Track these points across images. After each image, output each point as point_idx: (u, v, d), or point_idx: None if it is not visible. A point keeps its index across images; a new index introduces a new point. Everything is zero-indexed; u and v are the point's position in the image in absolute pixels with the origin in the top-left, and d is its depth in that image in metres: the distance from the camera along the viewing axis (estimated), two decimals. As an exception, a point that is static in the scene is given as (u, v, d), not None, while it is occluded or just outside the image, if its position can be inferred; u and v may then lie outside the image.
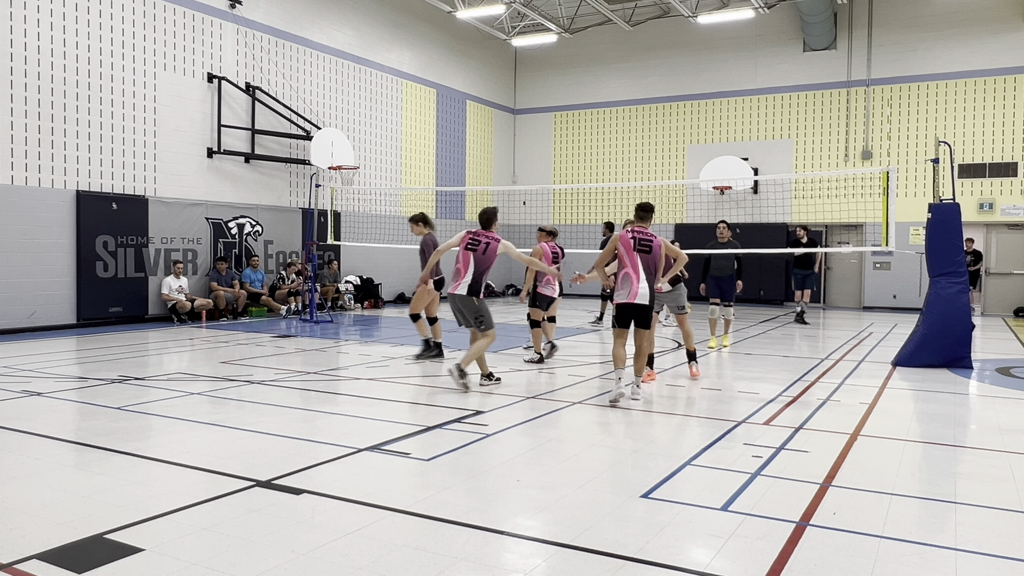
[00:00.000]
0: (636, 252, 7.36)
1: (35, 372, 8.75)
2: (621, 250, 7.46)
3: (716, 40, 21.69)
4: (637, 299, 7.31)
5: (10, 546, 3.70)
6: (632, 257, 7.37)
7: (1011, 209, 18.67)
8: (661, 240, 7.57)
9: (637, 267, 7.34)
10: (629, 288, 7.35)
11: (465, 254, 7.99)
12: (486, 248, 8.01)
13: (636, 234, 7.44)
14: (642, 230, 7.50)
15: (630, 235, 7.44)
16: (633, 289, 7.33)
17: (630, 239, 7.42)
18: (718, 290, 11.57)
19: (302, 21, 17.31)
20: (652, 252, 7.41)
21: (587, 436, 6.06)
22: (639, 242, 7.40)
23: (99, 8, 13.32)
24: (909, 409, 7.42)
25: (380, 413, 6.80)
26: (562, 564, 3.57)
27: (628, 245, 7.42)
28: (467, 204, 23.01)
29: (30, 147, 12.39)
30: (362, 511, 4.24)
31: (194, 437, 5.92)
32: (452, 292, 7.99)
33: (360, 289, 18.34)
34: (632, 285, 7.34)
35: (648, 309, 7.42)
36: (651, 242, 7.45)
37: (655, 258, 7.42)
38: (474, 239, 8.04)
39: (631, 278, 7.35)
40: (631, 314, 7.41)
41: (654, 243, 7.48)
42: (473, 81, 23.16)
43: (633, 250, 7.37)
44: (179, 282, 14.25)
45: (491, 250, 8.03)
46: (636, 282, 7.32)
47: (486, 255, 7.98)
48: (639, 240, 7.41)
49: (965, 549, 3.78)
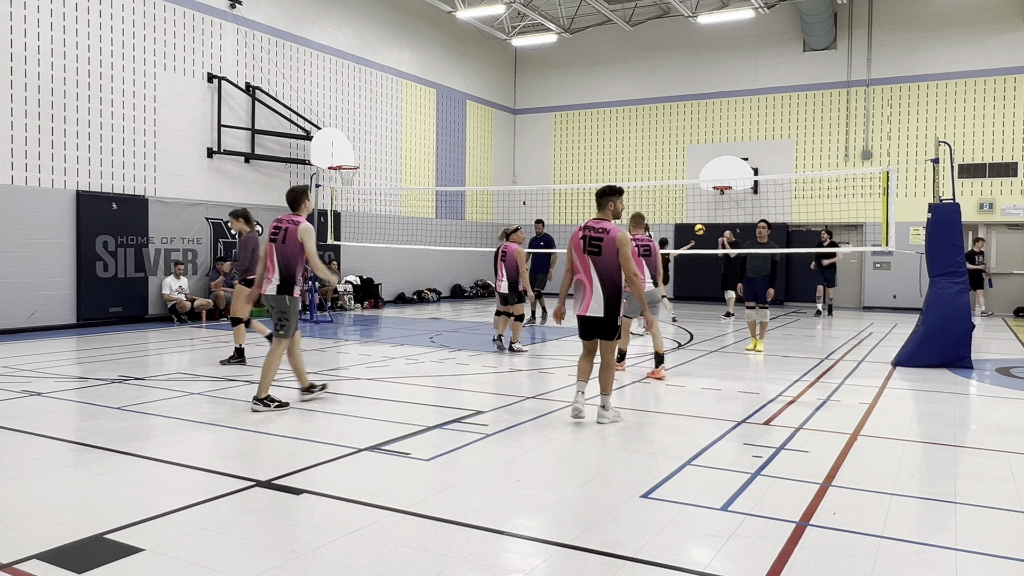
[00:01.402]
0: (586, 254, 6.30)
1: (35, 372, 8.75)
2: (572, 254, 6.45)
3: (716, 40, 21.69)
4: (589, 311, 6.31)
5: (10, 546, 3.70)
6: (583, 261, 6.33)
7: (1011, 209, 18.67)
8: (618, 232, 6.27)
9: (589, 271, 6.28)
10: (581, 297, 6.38)
11: (269, 247, 6.97)
12: (285, 236, 6.92)
13: (587, 232, 6.35)
14: (595, 224, 6.37)
15: (580, 234, 6.40)
16: (585, 298, 6.34)
17: (580, 239, 6.38)
18: (752, 293, 11.12)
19: (302, 21, 17.32)
20: (603, 252, 6.25)
21: (587, 436, 6.06)
22: (589, 241, 6.31)
23: (99, 8, 13.32)
24: (909, 409, 7.42)
25: (380, 413, 6.80)
26: (562, 564, 3.57)
27: (577, 247, 6.39)
28: (467, 204, 23.01)
29: (30, 147, 12.39)
30: (362, 511, 4.24)
31: (194, 437, 5.92)
32: (263, 292, 7.02)
33: (360, 289, 18.35)
34: (584, 293, 6.34)
35: (603, 321, 6.30)
36: (600, 241, 6.25)
37: (609, 258, 6.24)
38: (276, 227, 7.02)
39: (583, 285, 6.35)
40: (587, 328, 6.45)
41: (604, 241, 6.24)
42: (473, 81, 23.16)
43: (583, 252, 6.33)
44: (179, 282, 14.25)
45: (290, 237, 6.89)
46: (588, 289, 6.30)
47: (287, 243, 6.89)
48: (589, 239, 6.32)
49: (965, 549, 3.78)
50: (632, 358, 10.34)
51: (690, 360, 10.37)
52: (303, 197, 7.15)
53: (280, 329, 6.94)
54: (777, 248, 11.30)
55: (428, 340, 12.23)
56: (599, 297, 6.25)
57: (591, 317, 6.31)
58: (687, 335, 13.31)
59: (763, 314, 11.12)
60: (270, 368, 6.84)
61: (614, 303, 6.27)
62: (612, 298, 6.25)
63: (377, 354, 10.63)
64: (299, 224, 6.93)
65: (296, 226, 6.91)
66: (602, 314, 6.26)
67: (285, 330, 6.94)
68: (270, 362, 6.86)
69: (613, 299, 6.26)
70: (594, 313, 6.28)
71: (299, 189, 7.18)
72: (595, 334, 6.39)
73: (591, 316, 6.30)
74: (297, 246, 6.88)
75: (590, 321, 6.34)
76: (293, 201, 7.13)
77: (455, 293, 22.26)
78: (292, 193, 7.15)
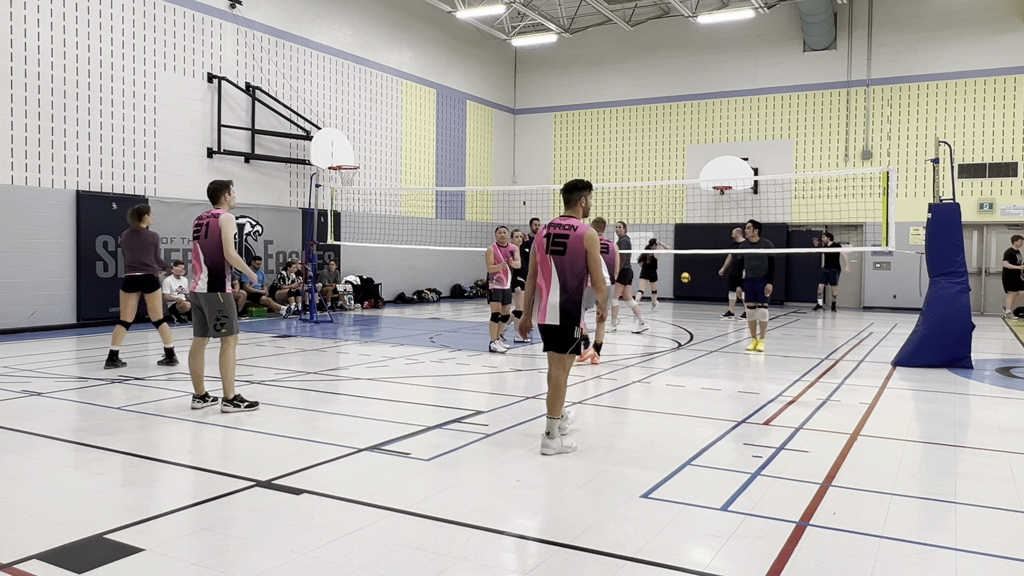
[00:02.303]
0: (548, 254, 5.55)
1: (35, 372, 8.75)
2: (534, 254, 5.72)
3: (716, 40, 21.69)
4: (546, 319, 5.54)
5: (10, 546, 3.70)
6: (545, 262, 5.58)
7: (1011, 209, 18.67)
8: (587, 230, 5.53)
9: (549, 273, 5.54)
10: (540, 303, 5.63)
11: (193, 244, 6.76)
12: (207, 231, 6.66)
13: (552, 229, 5.62)
14: (562, 221, 5.65)
15: (545, 231, 5.67)
16: (541, 303, 5.61)
17: (543, 238, 5.64)
18: (752, 293, 11.17)
19: (302, 21, 17.32)
20: (567, 252, 5.47)
21: (587, 436, 6.06)
22: (553, 240, 5.56)
23: (99, 8, 13.32)
24: (909, 409, 7.41)
25: (380, 413, 6.80)
26: (562, 564, 3.57)
27: (540, 247, 5.65)
28: (467, 204, 23.01)
29: (30, 147, 12.39)
30: (362, 511, 4.24)
31: (194, 437, 5.92)
32: (192, 290, 6.79)
33: (360, 289, 18.34)
34: (542, 298, 5.61)
35: (557, 331, 5.50)
36: (566, 238, 5.50)
37: (574, 259, 5.47)
38: (197, 224, 6.80)
39: (541, 290, 5.63)
40: (544, 337, 5.64)
41: (570, 238, 5.48)
42: (473, 81, 23.16)
43: (546, 252, 5.58)
44: (179, 282, 14.25)
45: (212, 231, 6.62)
46: (546, 294, 5.56)
47: (209, 239, 6.64)
48: (553, 237, 5.57)
49: (965, 549, 3.78)
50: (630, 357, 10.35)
51: (690, 360, 10.37)
52: (223, 191, 6.90)
53: (222, 328, 6.71)
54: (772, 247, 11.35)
55: (428, 340, 12.23)
56: (555, 303, 5.48)
57: (546, 326, 5.55)
58: (687, 335, 13.31)
59: (762, 314, 11.15)
60: (227, 367, 6.68)
61: (572, 311, 5.46)
62: (569, 305, 5.45)
63: (377, 354, 10.63)
64: (219, 216, 6.69)
65: (216, 219, 6.67)
66: (557, 322, 5.46)
67: (227, 327, 6.72)
68: (225, 362, 6.68)
69: (570, 306, 5.45)
70: (549, 321, 5.50)
71: (220, 183, 6.92)
72: (548, 345, 5.60)
73: (547, 324, 5.53)
74: (218, 240, 6.63)
75: (545, 330, 5.58)
76: (213, 194, 6.89)
77: (455, 293, 22.26)
78: (213, 185, 6.91)
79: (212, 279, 6.69)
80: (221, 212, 6.77)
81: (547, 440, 5.50)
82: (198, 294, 6.76)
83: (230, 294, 6.78)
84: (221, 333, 6.73)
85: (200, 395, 6.91)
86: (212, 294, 6.70)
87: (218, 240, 6.63)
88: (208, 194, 6.91)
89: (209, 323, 6.74)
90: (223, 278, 6.71)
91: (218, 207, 6.86)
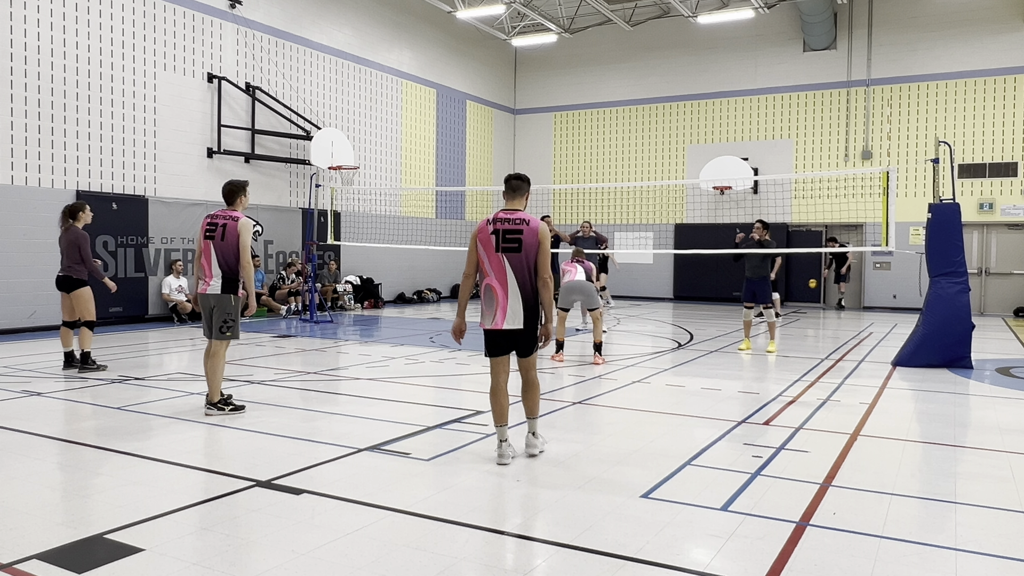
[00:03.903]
0: (500, 252, 5.11)
1: (35, 372, 8.75)
2: (480, 252, 5.21)
3: (716, 40, 21.69)
4: (505, 323, 5.11)
5: (10, 546, 3.69)
6: (495, 260, 5.12)
7: (1011, 209, 18.67)
8: (539, 224, 5.16)
9: (504, 273, 5.09)
10: (493, 306, 5.15)
11: (205, 244, 6.62)
12: (224, 232, 6.55)
13: (500, 225, 5.13)
14: (508, 215, 5.19)
15: (491, 227, 5.15)
16: (499, 307, 5.12)
17: (490, 234, 5.14)
18: (751, 293, 11.04)
19: (302, 21, 17.31)
20: (523, 248, 5.07)
21: (587, 436, 6.06)
22: (504, 236, 5.10)
23: (99, 8, 13.32)
24: (909, 409, 7.41)
25: (380, 413, 6.80)
26: (562, 564, 3.57)
27: (488, 244, 5.15)
28: (467, 204, 23.01)
29: (30, 147, 12.38)
30: (362, 511, 4.24)
31: (194, 437, 5.92)
32: (203, 292, 6.64)
33: (360, 289, 18.34)
34: (496, 301, 5.13)
35: (523, 334, 5.16)
36: (520, 233, 5.08)
37: (529, 255, 5.09)
38: (211, 223, 6.65)
39: (494, 292, 5.13)
40: (502, 342, 5.24)
41: (524, 234, 5.08)
42: (473, 81, 23.16)
43: (496, 250, 5.12)
44: (179, 282, 14.26)
45: (228, 233, 6.53)
46: (502, 297, 5.11)
47: (226, 240, 6.54)
48: (504, 234, 5.10)
49: (965, 549, 3.78)
50: (630, 357, 10.34)
51: (690, 360, 10.37)
52: (240, 192, 6.78)
53: (227, 331, 6.64)
54: (776, 248, 11.29)
55: (428, 340, 12.23)
56: (516, 305, 5.09)
57: (508, 330, 5.14)
58: (687, 335, 13.31)
59: (768, 314, 11.14)
60: (216, 371, 6.59)
61: (533, 310, 5.14)
62: (530, 304, 5.13)
63: (377, 354, 10.63)
64: (239, 220, 6.59)
65: (235, 222, 6.57)
66: (521, 325, 5.12)
67: (232, 331, 6.66)
68: (215, 365, 6.60)
69: (531, 305, 5.13)
70: (511, 325, 5.11)
71: (236, 183, 6.80)
72: (511, 349, 5.26)
73: (508, 329, 5.13)
74: (236, 243, 6.53)
75: (507, 335, 5.17)
76: (229, 194, 6.75)
77: (455, 293, 22.24)
78: (229, 186, 6.75)
79: (226, 281, 6.60)
80: (239, 215, 6.67)
81: (532, 440, 5.45)
82: (209, 295, 6.64)
83: (240, 297, 6.70)
84: (225, 336, 6.65)
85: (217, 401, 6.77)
86: (225, 296, 6.61)
87: (235, 244, 6.54)
88: (224, 194, 6.78)
89: (215, 324, 6.65)
90: (236, 281, 6.64)
91: (233, 208, 6.75)
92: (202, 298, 6.70)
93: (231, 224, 6.58)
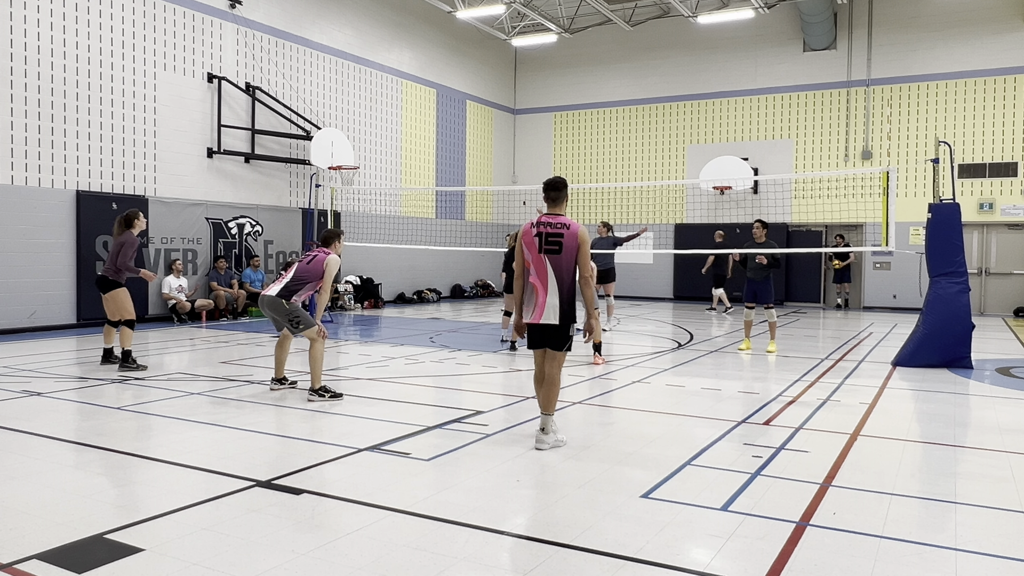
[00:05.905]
0: (543, 254, 5.57)
1: (35, 372, 8.75)
2: (525, 252, 5.67)
3: (716, 40, 21.69)
4: (542, 319, 5.56)
5: (10, 546, 3.69)
6: (538, 261, 5.59)
7: (1011, 209, 18.67)
8: (579, 227, 5.60)
9: (545, 273, 5.56)
10: (534, 302, 5.63)
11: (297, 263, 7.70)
12: (312, 259, 7.58)
13: (543, 228, 5.59)
14: (551, 219, 5.64)
15: (534, 230, 5.62)
16: (538, 303, 5.58)
17: (534, 236, 5.61)
18: (752, 294, 11.05)
19: (302, 21, 17.32)
20: (563, 251, 5.54)
21: (587, 436, 6.06)
22: (546, 239, 5.57)
23: (99, 8, 13.32)
24: (909, 409, 7.41)
25: (380, 413, 6.80)
26: (562, 564, 3.57)
27: (532, 245, 5.62)
28: (467, 204, 23.01)
29: (30, 147, 12.39)
30: (362, 511, 4.24)
31: (194, 437, 5.92)
32: (264, 293, 7.57)
33: (360, 289, 18.35)
34: (537, 297, 5.60)
35: (557, 330, 5.59)
36: (560, 237, 5.54)
37: (568, 258, 5.57)
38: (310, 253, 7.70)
39: (535, 289, 5.61)
40: (537, 336, 5.73)
41: (564, 237, 5.54)
42: (473, 81, 23.16)
43: (539, 251, 5.59)
44: (179, 281, 14.26)
45: (316, 263, 7.52)
46: (542, 293, 5.57)
47: (311, 265, 7.51)
48: (546, 236, 5.57)
49: (965, 549, 3.78)
50: (630, 357, 10.34)
51: (690, 360, 10.37)
52: (335, 239, 7.86)
53: (299, 326, 7.40)
54: (777, 248, 11.27)
55: (428, 340, 12.23)
56: (554, 302, 5.54)
57: (545, 325, 5.60)
58: (687, 335, 13.31)
59: (769, 314, 11.14)
60: (315, 361, 7.32)
61: (569, 310, 5.59)
62: (567, 303, 5.57)
63: (377, 354, 10.63)
64: (329, 255, 7.55)
65: (327, 256, 7.52)
66: (556, 321, 5.55)
67: (305, 324, 7.39)
68: (313, 355, 7.31)
69: (568, 304, 5.58)
70: (548, 320, 5.55)
71: (333, 232, 7.89)
72: (545, 344, 5.68)
73: (545, 324, 5.59)
74: (319, 271, 7.45)
75: (543, 329, 5.65)
76: (326, 239, 7.87)
77: (455, 293, 22.25)
78: (327, 233, 7.92)
79: (285, 290, 7.40)
80: (333, 253, 7.64)
81: (542, 436, 5.63)
82: (264, 297, 7.49)
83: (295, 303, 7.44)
84: (301, 330, 7.41)
85: (278, 378, 7.79)
86: (278, 299, 7.37)
87: (320, 274, 7.45)
88: (321, 240, 7.89)
89: (284, 325, 7.51)
90: (294, 294, 7.44)
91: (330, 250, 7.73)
92: (261, 298, 7.61)
93: (322, 256, 7.55)
